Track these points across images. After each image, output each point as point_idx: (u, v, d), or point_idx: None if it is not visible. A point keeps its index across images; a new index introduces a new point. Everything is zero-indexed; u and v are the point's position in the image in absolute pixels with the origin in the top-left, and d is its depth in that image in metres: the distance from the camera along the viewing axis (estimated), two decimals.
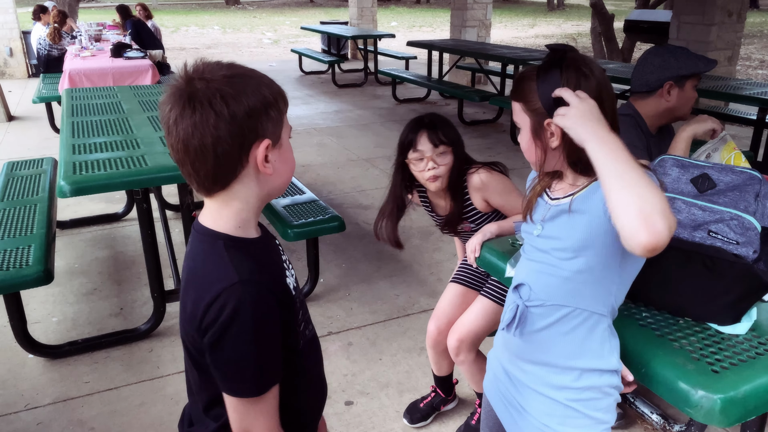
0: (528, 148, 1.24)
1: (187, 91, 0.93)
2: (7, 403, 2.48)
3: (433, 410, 2.38)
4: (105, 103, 4.02)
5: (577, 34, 20.48)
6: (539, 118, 1.19)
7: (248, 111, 0.93)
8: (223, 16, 26.94)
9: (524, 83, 1.21)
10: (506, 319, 1.29)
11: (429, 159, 1.95)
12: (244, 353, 0.94)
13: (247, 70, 0.98)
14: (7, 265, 2.58)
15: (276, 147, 0.99)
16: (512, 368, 1.35)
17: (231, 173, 0.97)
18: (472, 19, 9.46)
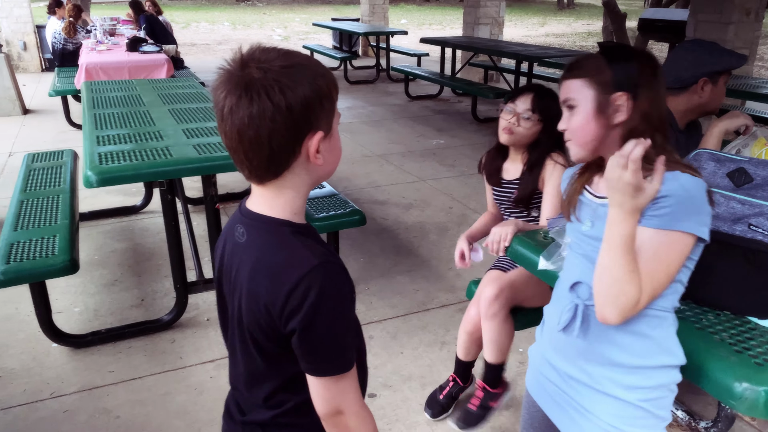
0: (584, 125, 1.23)
1: (243, 79, 0.91)
2: (33, 391, 2.50)
3: (452, 401, 2.39)
4: (124, 95, 4.03)
5: (587, 33, 20.42)
6: (606, 92, 1.20)
7: (304, 103, 0.91)
8: (233, 12, 26.98)
9: (589, 60, 1.23)
10: (564, 321, 1.25)
11: (516, 115, 2.11)
12: (335, 333, 0.96)
13: (303, 58, 0.95)
14: (33, 254, 2.61)
15: (327, 137, 0.98)
16: (571, 369, 1.30)
17: (284, 163, 0.96)
18: (485, 16, 9.44)
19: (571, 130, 1.26)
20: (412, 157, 5.80)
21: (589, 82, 1.22)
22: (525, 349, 2.80)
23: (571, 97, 1.24)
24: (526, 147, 2.19)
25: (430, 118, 7.43)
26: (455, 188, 4.93)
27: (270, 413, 1.07)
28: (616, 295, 1.10)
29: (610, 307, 1.11)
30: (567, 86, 1.26)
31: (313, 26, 14.63)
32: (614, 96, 1.19)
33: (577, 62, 1.25)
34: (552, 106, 2.11)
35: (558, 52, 6.95)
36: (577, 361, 1.28)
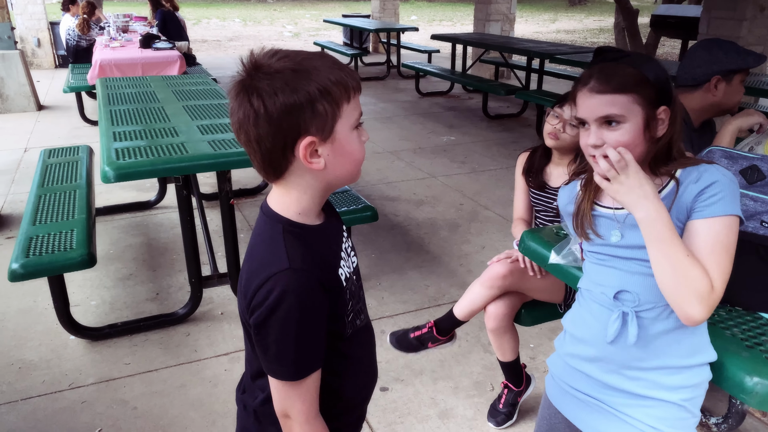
0: (633, 141, 1.18)
1: (238, 83, 0.95)
2: (52, 382, 2.55)
3: (514, 407, 2.34)
4: (139, 92, 4.08)
5: (599, 29, 20.30)
6: (653, 107, 1.19)
7: (286, 109, 0.92)
8: (243, 8, 27.05)
9: (627, 73, 1.18)
10: (613, 332, 1.23)
11: (563, 121, 2.13)
12: (286, 339, 0.96)
13: (305, 61, 0.95)
14: (51, 248, 2.65)
15: (327, 141, 0.96)
16: (611, 379, 1.29)
17: (280, 166, 0.98)
18: (496, 12, 9.42)
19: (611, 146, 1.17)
20: (423, 154, 5.81)
21: (636, 98, 1.18)
22: (536, 345, 2.82)
23: (615, 114, 1.18)
24: (573, 152, 2.17)
25: (441, 115, 7.44)
26: (466, 185, 4.95)
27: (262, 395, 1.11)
28: (687, 286, 1.09)
29: (688, 302, 1.09)
30: (609, 101, 1.18)
31: (323, 23, 14.66)
32: (659, 110, 1.19)
33: (614, 74, 1.19)
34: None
35: (570, 49, 6.92)
36: (620, 371, 1.27)
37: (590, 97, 1.20)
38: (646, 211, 1.12)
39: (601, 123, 1.19)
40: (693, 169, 1.21)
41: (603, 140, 1.18)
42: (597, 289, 1.31)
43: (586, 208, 1.30)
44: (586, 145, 1.22)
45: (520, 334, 2.30)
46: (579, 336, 1.35)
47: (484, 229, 4.10)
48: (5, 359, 2.69)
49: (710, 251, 1.12)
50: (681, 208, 1.18)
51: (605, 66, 1.21)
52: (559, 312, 2.26)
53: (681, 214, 1.18)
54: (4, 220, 4.21)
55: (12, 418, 2.35)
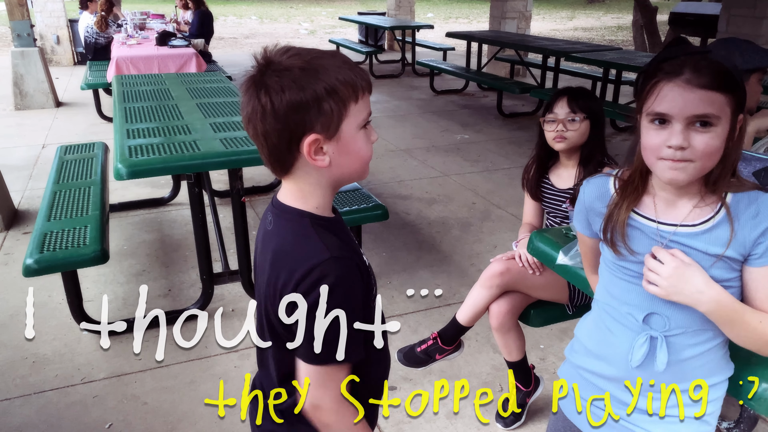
0: (719, 149, 1.06)
1: (249, 78, 0.97)
2: (65, 376, 2.59)
3: (523, 408, 2.34)
4: (154, 89, 4.11)
5: (617, 27, 20.09)
6: (737, 112, 1.07)
7: (291, 106, 0.94)
8: (260, 6, 27.16)
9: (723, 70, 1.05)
10: (640, 357, 1.18)
11: (560, 122, 2.10)
12: (335, 324, 0.97)
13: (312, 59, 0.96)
14: (65, 244, 2.69)
15: (333, 139, 0.98)
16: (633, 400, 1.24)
17: (287, 162, 1.00)
18: (512, 10, 9.37)
19: (700, 152, 1.05)
20: (436, 152, 5.80)
21: (729, 101, 1.05)
22: (546, 346, 2.80)
23: (712, 114, 1.04)
24: (577, 149, 2.17)
25: (455, 113, 7.41)
26: (479, 184, 4.93)
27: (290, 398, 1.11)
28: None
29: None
30: (708, 99, 1.04)
31: (339, 20, 14.68)
32: (740, 118, 1.08)
33: (714, 70, 1.04)
34: (589, 102, 2.13)
35: (585, 47, 6.87)
36: (644, 392, 1.23)
37: (684, 91, 1.04)
38: (707, 305, 1.09)
39: (690, 123, 1.04)
40: (745, 196, 1.10)
41: (689, 142, 1.04)
42: (622, 308, 1.22)
43: (621, 217, 1.17)
44: (660, 146, 1.07)
45: (530, 335, 2.30)
46: (597, 352, 1.28)
47: (496, 228, 4.08)
48: (20, 353, 2.73)
49: None
50: (740, 244, 1.10)
51: (700, 58, 1.06)
52: (568, 313, 2.24)
53: (743, 249, 1.11)
54: (22, 215, 4.28)
55: (25, 411, 2.39)
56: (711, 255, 1.11)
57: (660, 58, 1.11)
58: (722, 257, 1.10)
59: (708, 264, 1.11)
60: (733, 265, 1.11)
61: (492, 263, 2.16)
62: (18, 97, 7.38)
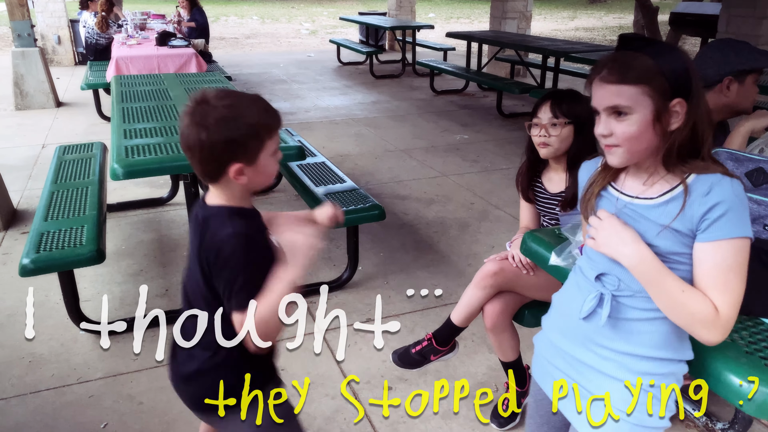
0: (641, 134, 1.16)
1: (191, 111, 1.27)
2: (61, 376, 2.59)
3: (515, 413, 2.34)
4: (152, 90, 4.12)
5: (618, 27, 20.07)
6: (665, 99, 1.15)
7: (225, 141, 1.25)
8: (261, 6, 27.18)
9: (639, 62, 1.15)
10: (588, 309, 1.27)
11: (542, 127, 2.09)
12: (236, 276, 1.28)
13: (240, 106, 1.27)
14: (62, 244, 2.69)
15: (251, 166, 1.30)
16: (581, 353, 1.32)
17: (215, 177, 1.32)
18: (512, 10, 9.36)
19: (621, 138, 1.18)
20: (436, 152, 5.80)
21: (646, 90, 1.15)
22: None
23: (622, 104, 1.16)
24: (565, 152, 2.15)
25: (455, 113, 7.41)
26: (477, 184, 4.93)
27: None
28: (689, 318, 1.14)
29: (696, 331, 1.14)
30: (616, 91, 1.17)
31: (340, 20, 14.69)
32: (672, 103, 1.15)
33: (626, 64, 1.16)
34: (573, 106, 2.10)
35: (586, 47, 6.86)
36: (589, 345, 1.30)
37: (600, 87, 1.20)
38: (629, 258, 1.17)
39: (610, 113, 1.19)
40: (707, 178, 1.16)
41: (611, 130, 1.19)
42: (585, 265, 1.35)
43: (595, 190, 1.31)
44: (599, 135, 1.23)
45: (524, 336, 2.29)
46: (561, 310, 1.41)
47: (494, 228, 4.08)
48: (17, 353, 2.74)
49: (715, 276, 1.13)
50: (687, 219, 1.16)
51: (620, 55, 1.19)
52: None
53: (691, 224, 1.16)
54: (21, 215, 4.28)
55: (21, 410, 2.40)
56: (659, 225, 1.19)
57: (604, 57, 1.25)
58: (668, 227, 1.17)
59: (654, 233, 1.19)
60: (682, 240, 1.17)
61: (485, 263, 2.16)
62: (18, 97, 7.40)
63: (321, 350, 1.17)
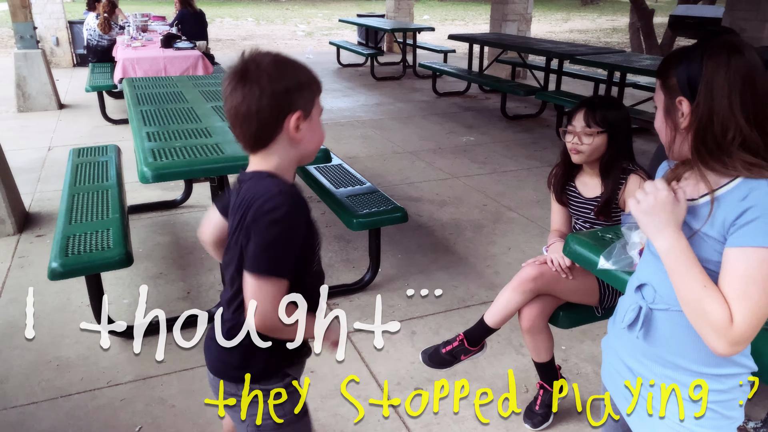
0: (660, 127, 1.23)
1: (241, 70, 1.22)
2: (90, 380, 2.59)
3: (550, 409, 2.34)
4: (166, 92, 4.12)
5: (612, 29, 20.21)
6: (672, 96, 1.17)
7: (285, 89, 1.22)
8: (256, 8, 27.13)
9: (668, 60, 1.20)
10: (627, 320, 1.25)
11: (576, 135, 2.12)
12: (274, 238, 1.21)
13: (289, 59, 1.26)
14: (89, 247, 2.69)
15: (306, 119, 1.26)
16: (637, 366, 1.30)
17: (270, 136, 1.25)
18: (512, 13, 9.41)
19: (656, 129, 1.25)
20: (443, 154, 5.82)
21: (660, 84, 1.21)
22: (567, 347, 2.82)
23: (655, 98, 1.24)
24: (599, 159, 2.17)
25: (459, 115, 7.44)
26: (488, 186, 4.95)
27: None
28: (702, 318, 1.06)
29: (706, 335, 1.07)
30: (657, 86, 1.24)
31: (335, 22, 14.71)
32: (677, 100, 1.16)
33: (665, 59, 1.22)
34: (607, 114, 2.12)
35: (588, 50, 6.91)
36: (642, 359, 1.28)
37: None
38: (662, 239, 1.12)
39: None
40: (750, 182, 1.09)
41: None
42: (636, 273, 1.34)
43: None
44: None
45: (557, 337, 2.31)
46: (616, 315, 1.41)
47: (509, 230, 4.11)
48: (43, 356, 2.73)
49: (737, 284, 1.05)
50: (719, 224, 1.11)
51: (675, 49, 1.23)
52: (596, 315, 2.27)
53: (722, 230, 1.10)
54: (33, 218, 4.27)
55: (53, 414, 2.39)
56: (691, 228, 1.16)
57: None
58: (698, 232, 1.13)
59: (687, 236, 1.14)
60: (715, 246, 1.11)
61: (524, 267, 2.18)
62: (21, 99, 7.35)
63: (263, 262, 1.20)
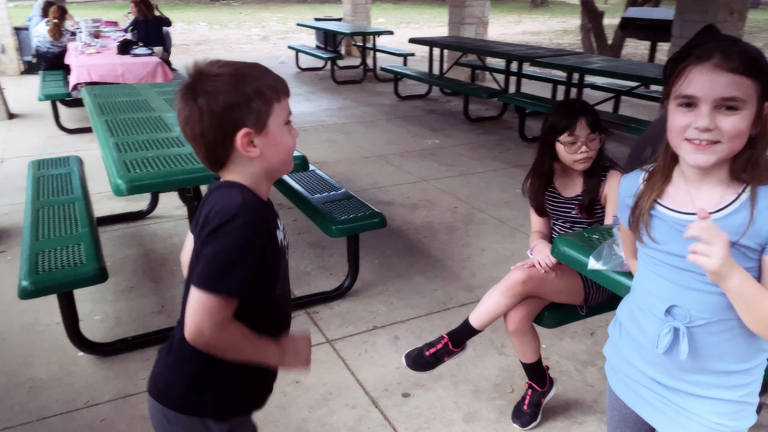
0: (745, 132, 1.11)
1: (184, 87, 1.16)
2: (67, 401, 2.49)
3: (538, 408, 2.37)
4: (130, 101, 4.01)
5: (563, 30, 20.71)
6: (763, 99, 1.11)
7: (225, 106, 1.13)
8: (208, 12, 26.70)
9: (751, 56, 1.10)
10: (664, 345, 1.23)
11: (583, 143, 2.13)
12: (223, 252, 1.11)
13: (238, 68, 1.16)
14: (60, 263, 2.59)
15: (261, 134, 1.17)
16: (669, 381, 1.30)
17: (223, 155, 1.18)
18: (470, 16, 9.54)
19: (729, 134, 1.10)
20: (411, 158, 5.85)
21: (756, 86, 1.09)
22: (548, 346, 2.87)
23: (739, 97, 1.08)
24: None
25: (423, 118, 7.49)
26: (458, 188, 5.00)
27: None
28: None
29: None
30: (734, 82, 1.08)
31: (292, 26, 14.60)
32: (766, 105, 1.11)
33: (742, 55, 1.09)
34: (597, 116, 2.20)
35: (547, 52, 7.06)
36: (677, 374, 1.28)
37: (713, 74, 1.09)
38: (733, 280, 1.07)
39: (717, 106, 1.09)
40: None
41: (716, 125, 1.09)
42: (648, 297, 1.29)
43: (645, 206, 1.24)
44: (685, 127, 1.12)
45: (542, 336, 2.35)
46: (634, 335, 1.35)
47: (481, 231, 4.16)
48: (14, 378, 2.62)
49: None
50: (756, 233, 1.12)
51: (729, 44, 1.11)
52: (581, 314, 2.31)
53: (759, 239, 1.12)
54: None
55: None
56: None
57: (690, 45, 1.15)
58: (736, 245, 1.11)
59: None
60: (748, 254, 1.12)
61: (513, 272, 2.20)
62: None
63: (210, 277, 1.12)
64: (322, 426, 2.38)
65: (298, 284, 3.41)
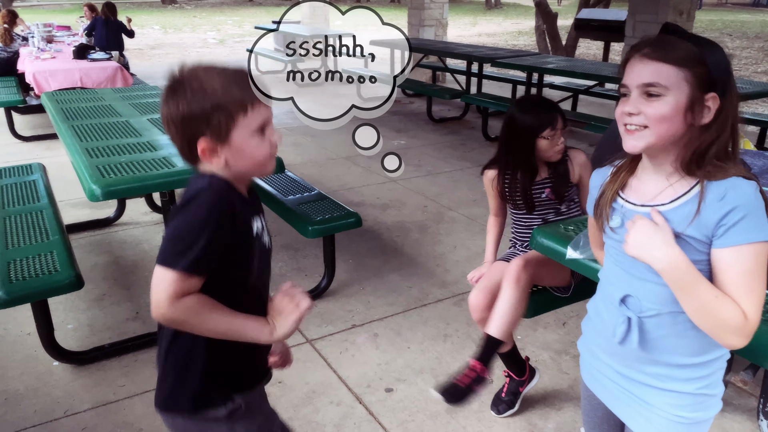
0: (671, 118, 1.14)
1: (164, 88, 1.21)
2: (45, 411, 2.45)
3: (516, 397, 2.43)
4: (95, 106, 3.94)
5: (518, 32, 21.11)
6: (701, 89, 1.13)
7: (183, 116, 1.17)
8: (161, 15, 26.20)
9: (685, 48, 1.13)
10: (620, 334, 1.26)
11: (562, 134, 2.29)
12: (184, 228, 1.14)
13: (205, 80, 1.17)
14: (34, 272, 2.55)
15: (225, 145, 1.18)
16: (627, 371, 1.33)
17: (192, 156, 1.22)
18: (429, 18, 9.65)
19: (651, 118, 1.15)
20: (378, 158, 5.88)
21: (686, 75, 1.13)
22: (522, 336, 2.96)
23: (660, 83, 1.13)
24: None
25: (387, 119, 7.55)
26: (426, 187, 5.08)
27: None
28: (721, 326, 1.12)
29: (726, 338, 1.13)
30: (656, 70, 1.13)
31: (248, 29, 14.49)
32: (707, 96, 1.13)
33: (671, 45, 1.14)
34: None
35: (507, 53, 7.22)
36: (634, 364, 1.31)
37: (639, 63, 1.16)
38: (661, 261, 1.13)
39: (642, 92, 1.15)
40: (721, 182, 1.14)
41: (639, 110, 1.15)
42: (608, 288, 1.34)
43: (608, 197, 1.29)
44: (622, 114, 1.19)
45: None
46: (596, 326, 1.40)
47: (452, 229, 4.24)
48: None
49: (741, 281, 1.11)
50: (703, 225, 1.14)
51: (665, 37, 1.16)
52: (558, 302, 2.39)
53: (706, 230, 1.14)
54: None
55: None
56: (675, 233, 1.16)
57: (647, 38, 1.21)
58: (683, 236, 1.15)
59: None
60: (697, 247, 1.15)
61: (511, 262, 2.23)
62: None
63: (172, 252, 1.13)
64: (308, 424, 2.40)
65: (274, 286, 3.40)
